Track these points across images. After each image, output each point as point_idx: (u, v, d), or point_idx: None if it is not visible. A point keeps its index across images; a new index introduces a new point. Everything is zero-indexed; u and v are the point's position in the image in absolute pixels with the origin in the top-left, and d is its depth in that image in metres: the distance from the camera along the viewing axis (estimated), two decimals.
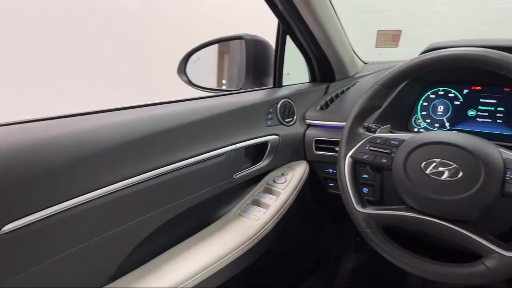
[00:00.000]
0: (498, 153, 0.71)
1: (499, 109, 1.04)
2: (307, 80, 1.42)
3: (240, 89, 1.32)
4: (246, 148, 1.03)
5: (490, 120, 1.05)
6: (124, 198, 0.73)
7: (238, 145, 0.99)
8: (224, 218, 1.05)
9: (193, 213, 0.94)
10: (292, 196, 1.11)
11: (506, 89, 1.04)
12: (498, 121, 1.04)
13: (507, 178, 0.69)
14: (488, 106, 1.06)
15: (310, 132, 1.22)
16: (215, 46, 1.44)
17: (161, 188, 0.80)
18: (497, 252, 0.68)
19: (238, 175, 1.02)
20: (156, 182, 0.79)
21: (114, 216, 0.73)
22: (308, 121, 1.24)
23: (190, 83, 1.43)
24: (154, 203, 0.80)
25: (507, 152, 0.72)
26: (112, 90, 3.17)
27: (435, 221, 0.75)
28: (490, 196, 0.70)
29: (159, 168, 0.79)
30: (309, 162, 1.24)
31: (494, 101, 1.05)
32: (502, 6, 2.54)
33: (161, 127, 0.81)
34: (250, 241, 0.97)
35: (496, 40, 0.95)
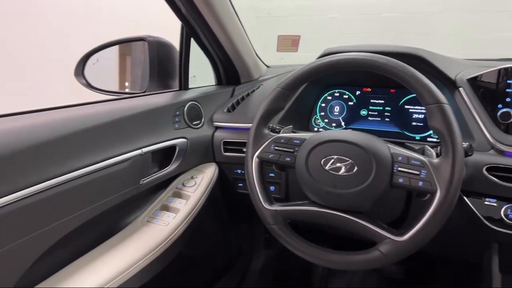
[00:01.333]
0: (387, 148, 0.79)
1: (386, 108, 1.16)
2: (214, 83, 1.43)
3: (145, 92, 1.29)
4: (153, 152, 1.00)
5: (379, 119, 1.16)
6: (22, 209, 0.67)
7: (144, 149, 0.97)
8: (131, 225, 1.01)
9: (99, 222, 0.89)
10: (202, 199, 1.11)
11: (392, 90, 1.15)
12: (386, 119, 1.15)
13: (394, 171, 0.77)
14: (377, 106, 1.17)
15: (218, 134, 1.24)
16: (116, 47, 1.39)
17: (62, 198, 0.75)
18: (389, 238, 0.75)
19: (145, 180, 0.99)
20: (56, 191, 0.74)
21: (8, 231, 0.66)
22: (216, 123, 1.25)
23: (89, 85, 1.35)
24: (54, 214, 0.75)
25: (394, 147, 0.80)
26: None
27: (335, 213, 0.81)
28: (381, 187, 0.77)
29: (59, 176, 0.74)
30: (218, 163, 1.25)
31: (382, 101, 1.16)
32: (388, 15, 2.81)
33: (59, 133, 0.76)
34: (160, 246, 0.95)
35: (383, 46, 1.05)
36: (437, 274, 1.52)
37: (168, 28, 1.29)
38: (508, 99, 0.92)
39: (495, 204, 0.91)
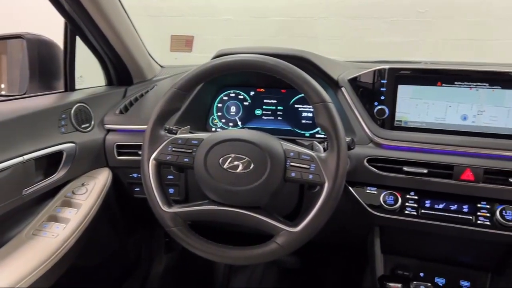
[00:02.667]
0: (280, 145, 0.83)
1: (279, 108, 1.21)
2: (103, 84, 1.36)
3: (24, 94, 1.17)
4: (37, 159, 0.92)
5: (273, 118, 1.22)
6: None
7: (26, 156, 0.88)
8: (14, 240, 0.91)
9: None
10: (95, 207, 1.05)
11: (283, 91, 1.21)
12: (279, 118, 1.21)
13: (287, 166, 0.81)
14: (270, 106, 1.22)
15: (111, 137, 1.18)
16: None
17: None
18: (285, 230, 0.79)
19: (28, 190, 0.90)
20: None
21: None
22: (108, 126, 1.19)
23: None
24: None
25: (286, 143, 0.85)
26: None
27: (234, 210, 0.82)
28: (276, 182, 0.81)
29: None
30: (111, 168, 1.19)
31: (275, 101, 1.22)
32: (279, 19, 2.94)
33: None
34: (48, 261, 0.87)
35: (273, 48, 1.10)
36: (329, 261, 1.64)
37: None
38: (382, 97, 1.03)
39: (375, 192, 1.02)
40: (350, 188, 1.03)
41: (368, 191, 1.03)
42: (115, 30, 1.16)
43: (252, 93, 1.24)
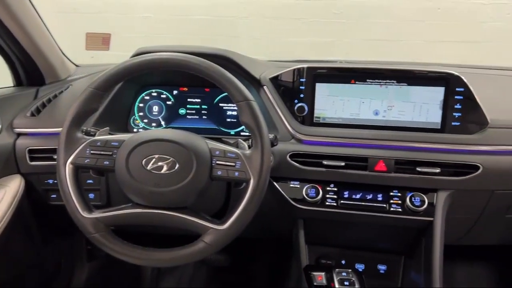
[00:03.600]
0: (205, 144, 0.83)
1: (203, 107, 1.21)
2: (11, 84, 1.26)
3: None
4: None
5: (197, 117, 1.21)
6: None
7: None
8: None
9: None
10: (6, 217, 0.97)
11: (207, 90, 1.21)
12: (204, 117, 1.21)
13: (213, 164, 0.82)
14: (194, 105, 1.21)
15: (22, 141, 1.09)
16: None
17: None
18: (212, 228, 0.80)
19: None
20: None
21: None
22: (18, 130, 1.11)
23: None
24: None
25: (212, 142, 0.85)
26: None
27: (159, 212, 0.81)
28: (202, 181, 0.81)
29: None
30: (24, 175, 1.10)
31: (199, 100, 1.21)
32: (198, 17, 2.92)
33: None
34: None
35: (195, 47, 1.09)
36: (257, 256, 1.67)
37: None
38: (302, 95, 1.08)
39: (298, 186, 1.06)
40: (275, 183, 1.06)
41: (291, 185, 1.07)
42: (22, 27, 1.08)
43: (175, 92, 1.22)
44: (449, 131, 1.02)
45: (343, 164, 1.03)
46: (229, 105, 1.20)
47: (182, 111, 1.22)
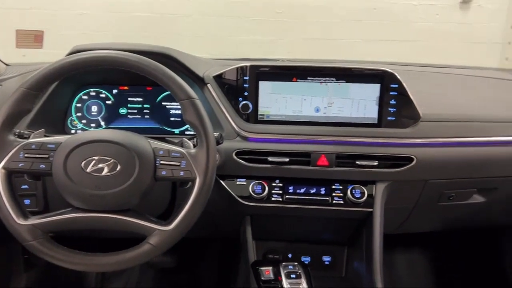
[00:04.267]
0: (148, 144, 0.82)
1: (145, 106, 1.18)
2: None
3: None
4: None
5: (139, 116, 1.18)
6: None
7: None
8: None
9: None
10: None
11: (148, 88, 1.19)
12: (146, 116, 1.18)
13: (157, 164, 0.80)
14: (136, 104, 1.18)
15: None
16: None
17: None
18: (157, 229, 0.78)
19: None
20: None
21: None
22: None
23: None
24: None
25: (155, 142, 0.84)
26: None
27: (101, 216, 0.78)
28: (146, 182, 0.79)
29: None
30: None
31: (141, 99, 1.18)
32: (138, 14, 2.85)
33: None
34: None
35: (135, 44, 1.06)
36: (205, 255, 1.67)
37: None
38: (246, 93, 1.08)
39: (244, 183, 1.07)
40: (221, 181, 1.07)
41: (238, 182, 1.07)
42: None
43: (114, 91, 1.18)
44: (385, 125, 1.08)
45: (287, 160, 1.05)
46: (173, 103, 1.18)
47: (123, 110, 1.18)
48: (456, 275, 1.73)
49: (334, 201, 1.08)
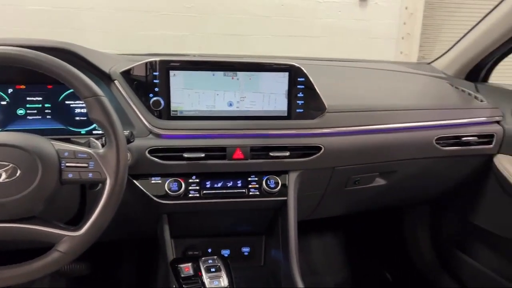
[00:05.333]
0: (51, 146, 0.77)
1: (46, 105, 1.10)
2: None
3: None
4: None
5: (40, 117, 1.09)
6: None
7: None
8: None
9: None
10: None
11: (49, 86, 1.10)
12: (48, 116, 1.10)
13: (62, 167, 0.76)
14: (35, 104, 1.09)
15: None
16: None
17: None
18: (67, 235, 0.74)
19: None
20: None
21: None
22: None
23: None
24: None
25: (59, 143, 0.79)
26: None
27: (3, 226, 0.72)
28: (51, 186, 0.74)
29: None
30: None
31: (40, 98, 1.09)
32: (34, 8, 2.63)
33: None
34: None
35: (31, 39, 0.98)
36: (122, 258, 1.61)
37: None
38: (156, 89, 1.06)
39: (160, 181, 1.05)
40: (135, 181, 1.03)
41: (153, 181, 1.05)
42: None
43: (10, 90, 1.08)
44: (295, 117, 1.12)
45: (203, 155, 1.05)
46: (77, 102, 1.11)
47: (20, 111, 1.09)
48: (365, 253, 1.88)
49: (250, 193, 1.10)
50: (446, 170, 1.38)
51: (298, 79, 1.11)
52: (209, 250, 1.25)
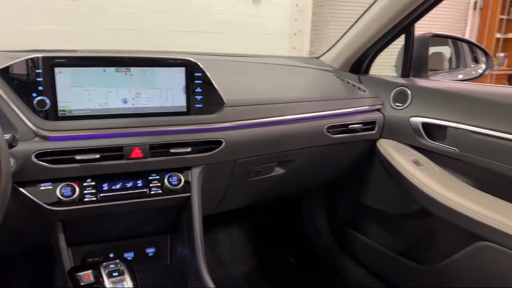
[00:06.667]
0: None
1: None
2: None
3: None
4: None
5: None
6: None
7: None
8: None
9: None
10: None
11: None
12: None
13: None
14: None
15: None
16: None
17: None
18: None
19: None
20: None
21: None
22: None
23: None
24: None
25: None
26: None
27: None
28: None
29: None
30: None
31: None
32: None
33: None
34: None
35: None
36: (13, 274, 1.46)
37: None
38: (40, 88, 0.97)
39: (50, 187, 0.97)
40: (21, 189, 0.94)
41: (42, 187, 0.97)
42: None
43: None
44: (194, 113, 1.12)
45: (98, 156, 0.99)
46: None
47: None
48: (270, 241, 1.96)
49: (152, 192, 1.07)
50: (337, 156, 1.49)
51: (195, 74, 1.11)
52: (111, 255, 1.19)
